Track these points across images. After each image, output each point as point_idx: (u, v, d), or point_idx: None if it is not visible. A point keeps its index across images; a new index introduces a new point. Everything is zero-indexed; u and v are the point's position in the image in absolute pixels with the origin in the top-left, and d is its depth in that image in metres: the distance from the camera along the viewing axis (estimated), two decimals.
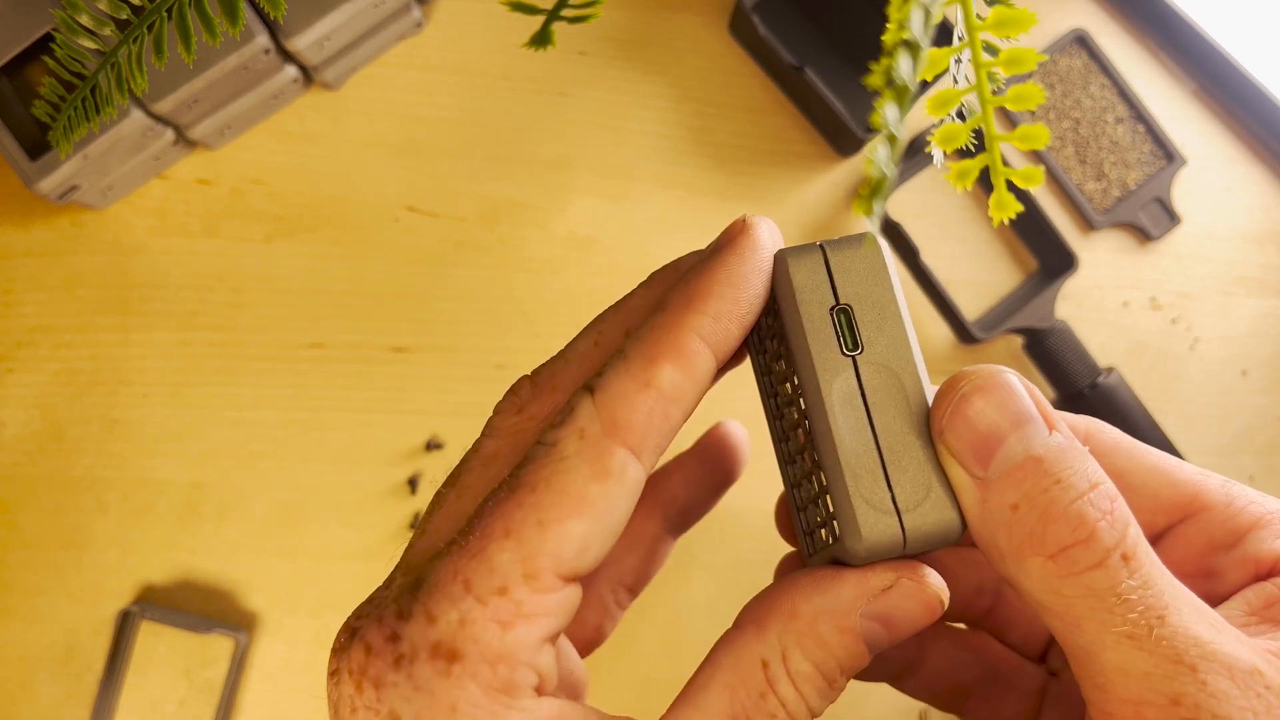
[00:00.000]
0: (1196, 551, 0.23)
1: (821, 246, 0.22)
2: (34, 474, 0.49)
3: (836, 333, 0.22)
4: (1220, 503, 0.22)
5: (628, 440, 0.20)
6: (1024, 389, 0.21)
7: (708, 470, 0.28)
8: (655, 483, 0.28)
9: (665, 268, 0.25)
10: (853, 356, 0.22)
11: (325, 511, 0.51)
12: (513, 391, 0.24)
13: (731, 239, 0.22)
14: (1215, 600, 0.22)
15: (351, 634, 0.22)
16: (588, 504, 0.20)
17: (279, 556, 0.50)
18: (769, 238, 0.22)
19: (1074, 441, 0.20)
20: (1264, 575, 0.22)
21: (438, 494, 0.23)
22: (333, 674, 0.22)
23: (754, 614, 0.22)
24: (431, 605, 0.19)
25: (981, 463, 0.20)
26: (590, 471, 0.20)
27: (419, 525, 0.23)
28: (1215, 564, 0.23)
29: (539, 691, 0.20)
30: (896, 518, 0.21)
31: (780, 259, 0.23)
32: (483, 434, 0.24)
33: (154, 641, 0.48)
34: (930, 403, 0.21)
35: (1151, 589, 0.18)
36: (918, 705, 0.53)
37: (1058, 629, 0.19)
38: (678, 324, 0.21)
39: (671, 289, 0.22)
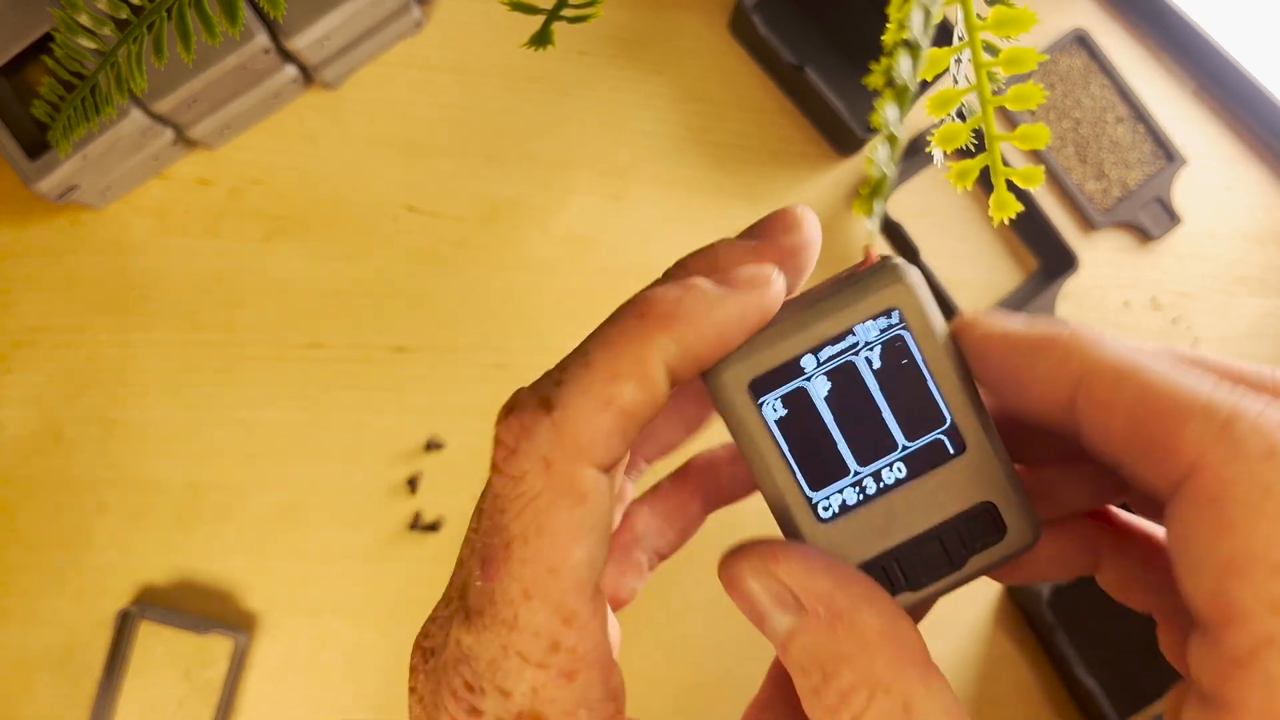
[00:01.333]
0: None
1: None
2: (33, 474, 0.49)
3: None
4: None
5: (592, 459, 0.20)
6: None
7: None
8: (704, 470, 0.28)
9: (698, 261, 0.23)
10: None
11: (325, 511, 0.51)
12: (517, 413, 0.22)
13: (744, 278, 0.21)
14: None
15: (425, 657, 0.22)
16: (579, 530, 0.20)
17: (278, 556, 0.50)
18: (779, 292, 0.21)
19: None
20: None
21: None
22: (413, 690, 0.23)
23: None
24: (499, 681, 0.20)
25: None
26: (568, 502, 0.20)
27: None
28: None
29: (616, 699, 0.21)
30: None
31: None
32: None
33: (153, 642, 0.48)
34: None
35: None
36: None
37: None
38: (645, 339, 0.20)
39: (663, 289, 0.21)
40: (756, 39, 0.54)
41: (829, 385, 0.21)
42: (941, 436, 0.22)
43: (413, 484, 0.51)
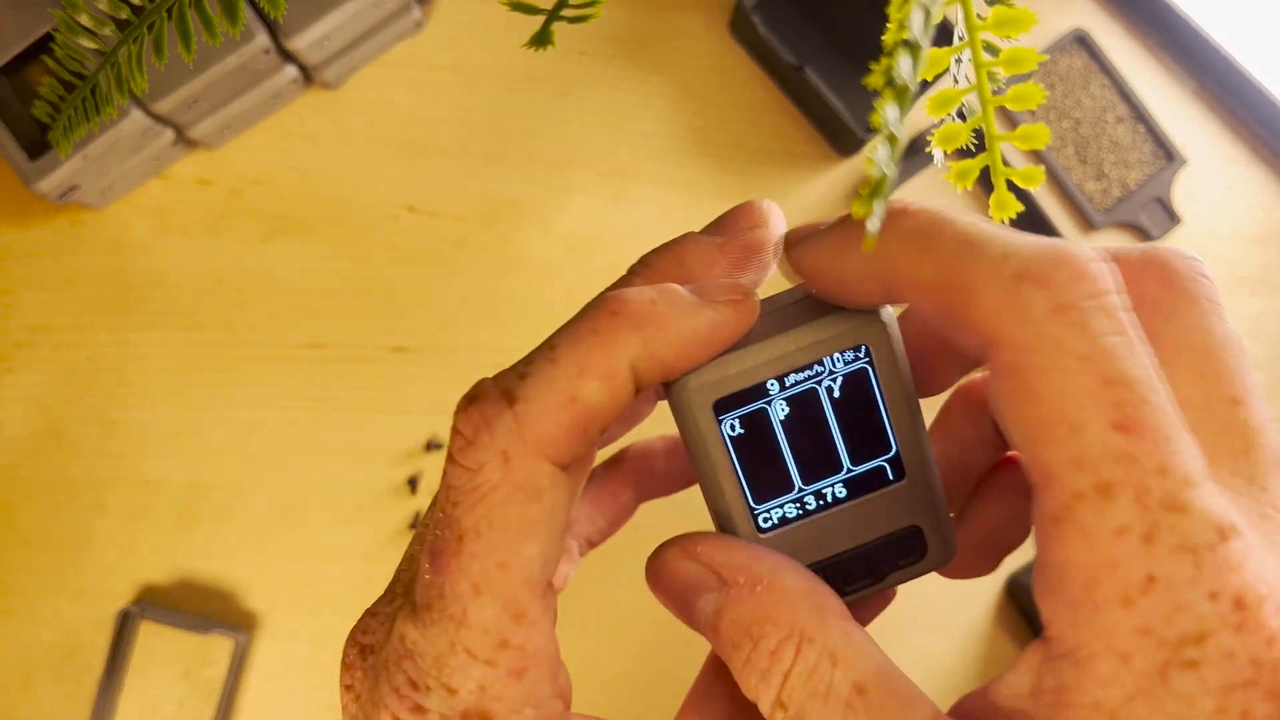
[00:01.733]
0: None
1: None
2: (34, 474, 0.49)
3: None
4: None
5: (551, 455, 0.20)
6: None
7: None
8: (638, 460, 0.28)
9: (666, 256, 0.22)
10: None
11: (325, 511, 0.51)
12: (478, 403, 0.21)
13: (719, 291, 0.21)
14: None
15: (363, 654, 0.22)
16: (534, 526, 0.20)
17: (279, 556, 0.50)
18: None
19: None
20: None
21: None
22: (348, 688, 0.22)
23: None
24: (445, 678, 0.20)
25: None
26: (524, 496, 0.19)
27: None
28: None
29: (563, 697, 0.21)
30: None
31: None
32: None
33: (154, 641, 0.48)
34: None
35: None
36: None
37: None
38: (614, 338, 0.20)
39: (638, 291, 0.20)
40: (756, 39, 0.54)
41: (788, 409, 0.22)
42: (884, 464, 0.23)
43: (413, 484, 0.51)
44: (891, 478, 0.23)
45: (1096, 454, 0.17)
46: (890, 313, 0.22)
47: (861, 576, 0.23)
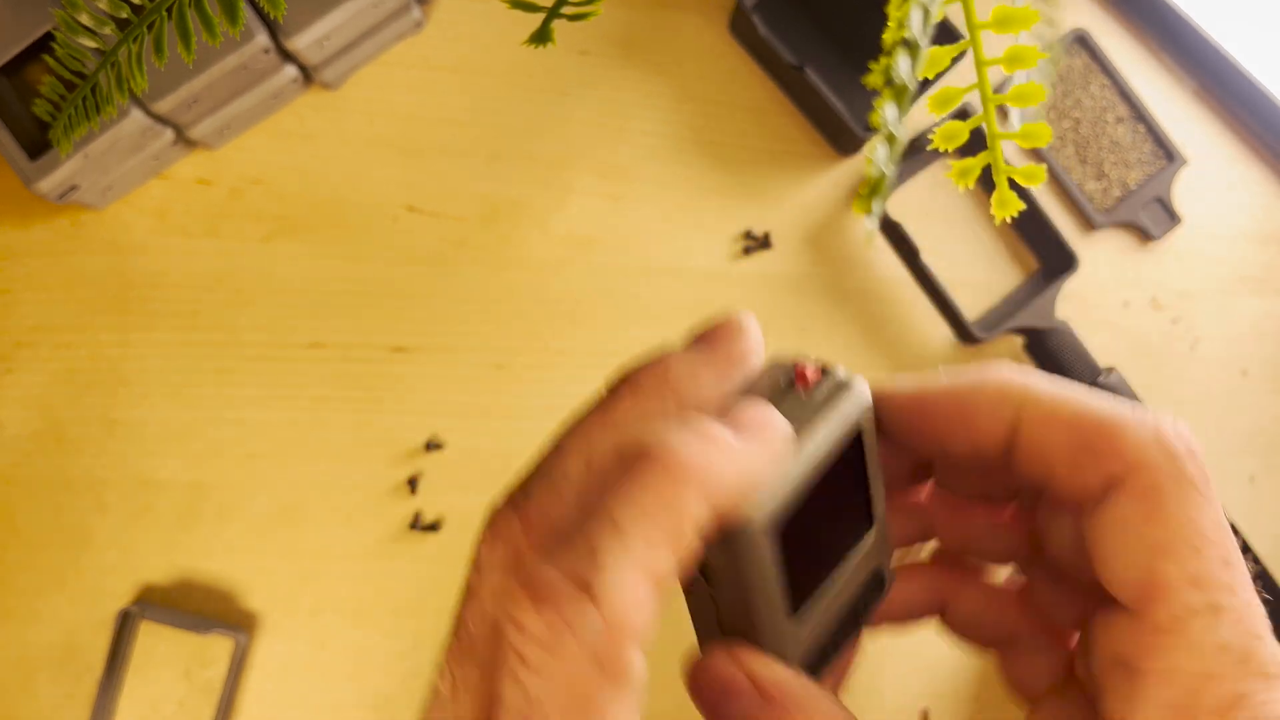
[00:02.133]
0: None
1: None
2: (34, 474, 0.49)
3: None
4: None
5: (635, 637, 0.19)
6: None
7: None
8: None
9: (651, 372, 0.22)
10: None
11: (325, 511, 0.51)
12: (497, 534, 0.21)
13: (757, 425, 0.21)
14: None
15: None
16: (632, 712, 0.19)
17: (279, 556, 0.50)
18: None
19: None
20: None
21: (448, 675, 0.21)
22: None
23: None
24: None
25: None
26: (623, 690, 0.19)
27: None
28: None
29: None
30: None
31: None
32: (471, 595, 0.21)
33: (154, 641, 0.48)
34: None
35: None
36: (918, 705, 0.53)
37: None
38: (680, 504, 0.19)
39: (681, 438, 0.20)
40: (756, 39, 0.54)
41: (811, 502, 0.22)
42: (864, 516, 0.24)
43: (413, 484, 0.51)
44: (867, 526, 0.24)
45: (1211, 577, 0.20)
46: (866, 387, 0.23)
47: (852, 627, 0.24)
